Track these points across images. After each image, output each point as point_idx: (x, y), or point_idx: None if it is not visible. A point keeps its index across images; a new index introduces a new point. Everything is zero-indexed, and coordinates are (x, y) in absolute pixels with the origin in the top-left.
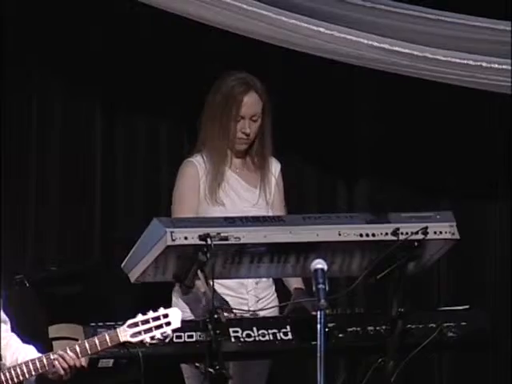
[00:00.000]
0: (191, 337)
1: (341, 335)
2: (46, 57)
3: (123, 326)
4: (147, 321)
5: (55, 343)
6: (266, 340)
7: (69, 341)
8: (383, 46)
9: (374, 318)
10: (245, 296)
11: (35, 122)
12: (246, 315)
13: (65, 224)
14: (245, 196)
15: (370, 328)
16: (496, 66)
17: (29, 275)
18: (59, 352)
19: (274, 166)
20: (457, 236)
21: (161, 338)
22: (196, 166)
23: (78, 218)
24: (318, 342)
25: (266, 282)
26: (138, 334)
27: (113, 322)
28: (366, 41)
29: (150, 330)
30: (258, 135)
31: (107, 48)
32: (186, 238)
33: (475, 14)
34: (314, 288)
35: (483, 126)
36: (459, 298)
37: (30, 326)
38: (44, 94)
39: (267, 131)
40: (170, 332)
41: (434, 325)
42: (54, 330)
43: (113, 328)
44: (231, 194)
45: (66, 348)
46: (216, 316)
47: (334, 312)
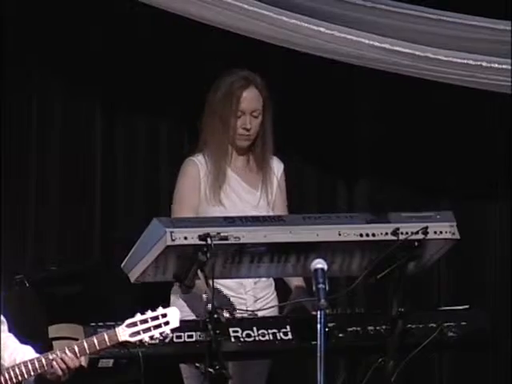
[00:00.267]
0: (191, 337)
1: (341, 335)
2: (46, 57)
3: (122, 326)
4: (146, 320)
5: (55, 343)
6: (266, 340)
7: (69, 341)
8: (384, 45)
9: (374, 317)
10: (243, 296)
11: (35, 122)
12: (246, 315)
13: (65, 224)
14: (246, 198)
15: (370, 328)
16: (496, 65)
17: (29, 275)
18: (57, 352)
19: (277, 166)
20: (457, 236)
21: (160, 337)
22: (197, 165)
23: (78, 218)
24: (318, 342)
25: (264, 282)
26: (137, 333)
27: (113, 322)
28: (366, 41)
29: (148, 329)
30: (259, 133)
31: (107, 48)
32: (185, 238)
33: (475, 13)
34: (314, 288)
35: (483, 125)
36: (459, 297)
37: (30, 325)
38: (44, 94)
39: (269, 129)
40: (168, 331)
41: (434, 325)
42: (53, 330)
43: (112, 328)
44: (232, 195)
45: (65, 348)
46: (216, 316)
47: (334, 312)
